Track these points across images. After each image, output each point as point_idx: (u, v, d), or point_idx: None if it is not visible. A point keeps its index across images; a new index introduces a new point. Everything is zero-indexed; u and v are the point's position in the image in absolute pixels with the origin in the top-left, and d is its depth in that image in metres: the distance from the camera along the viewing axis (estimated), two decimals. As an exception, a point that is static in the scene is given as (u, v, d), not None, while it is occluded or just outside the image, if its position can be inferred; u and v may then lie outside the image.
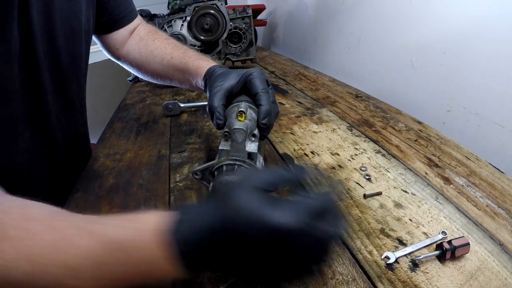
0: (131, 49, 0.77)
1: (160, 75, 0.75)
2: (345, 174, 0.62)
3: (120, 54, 0.79)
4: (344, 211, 0.53)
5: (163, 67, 0.73)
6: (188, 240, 0.30)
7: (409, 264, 0.43)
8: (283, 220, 0.28)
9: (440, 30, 0.89)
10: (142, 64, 0.77)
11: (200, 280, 0.42)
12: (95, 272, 0.30)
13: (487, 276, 0.41)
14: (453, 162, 0.66)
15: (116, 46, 0.78)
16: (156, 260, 0.30)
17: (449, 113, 0.89)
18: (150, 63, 0.75)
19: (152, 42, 0.76)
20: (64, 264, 0.30)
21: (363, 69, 1.24)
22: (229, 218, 0.29)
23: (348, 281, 0.41)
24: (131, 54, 0.77)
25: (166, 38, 0.77)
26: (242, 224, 0.29)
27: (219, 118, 0.52)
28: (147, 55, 0.75)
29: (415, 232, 0.48)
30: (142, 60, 0.76)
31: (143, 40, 0.77)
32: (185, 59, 0.69)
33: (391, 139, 0.75)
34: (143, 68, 0.77)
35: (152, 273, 0.31)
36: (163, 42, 0.76)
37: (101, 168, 0.69)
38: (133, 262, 0.31)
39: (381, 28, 1.12)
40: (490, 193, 0.57)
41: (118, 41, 0.77)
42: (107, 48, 0.79)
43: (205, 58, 0.68)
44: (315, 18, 1.53)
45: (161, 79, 0.77)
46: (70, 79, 0.62)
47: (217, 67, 0.62)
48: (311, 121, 0.85)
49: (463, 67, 0.84)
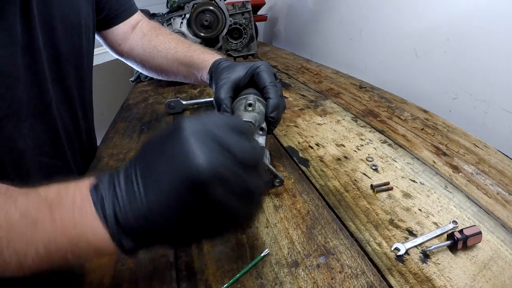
0: (135, 44, 0.77)
1: (164, 70, 0.75)
2: (351, 165, 0.61)
3: (123, 50, 0.79)
4: (351, 203, 0.52)
5: (168, 62, 0.72)
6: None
7: (420, 255, 0.42)
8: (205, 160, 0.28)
9: (443, 16, 0.88)
10: (146, 60, 0.76)
11: (205, 277, 0.41)
12: (25, 230, 0.29)
13: (500, 266, 0.40)
14: (461, 150, 0.65)
15: (118, 42, 0.78)
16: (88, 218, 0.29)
17: (455, 101, 0.88)
18: (154, 58, 0.75)
19: (155, 37, 0.76)
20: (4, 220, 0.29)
21: (366, 60, 1.22)
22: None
23: (357, 275, 0.40)
24: (134, 50, 0.77)
25: (169, 33, 0.77)
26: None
27: (226, 110, 0.51)
28: (151, 50, 0.75)
29: (425, 222, 0.47)
30: (146, 55, 0.76)
31: (147, 35, 0.77)
32: (189, 53, 0.68)
33: (397, 129, 0.74)
34: (147, 63, 0.77)
35: (85, 235, 0.30)
36: (167, 37, 0.75)
37: (105, 167, 0.69)
38: (56, 217, 0.30)
39: (383, 17, 1.10)
40: (500, 180, 0.56)
41: (120, 36, 0.77)
42: (109, 44, 0.79)
43: (210, 51, 0.67)
44: (316, 10, 1.51)
45: (165, 75, 0.77)
46: (69, 70, 0.62)
47: (223, 60, 0.62)
48: (315, 114, 0.84)
49: (467, 54, 0.83)
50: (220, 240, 0.46)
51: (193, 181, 0.28)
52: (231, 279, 0.40)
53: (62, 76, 0.61)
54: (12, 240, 0.29)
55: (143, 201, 0.29)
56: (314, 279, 0.40)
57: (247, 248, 0.45)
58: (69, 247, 0.30)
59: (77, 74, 0.66)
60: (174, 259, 0.45)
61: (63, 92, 0.63)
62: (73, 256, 0.30)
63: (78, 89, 0.68)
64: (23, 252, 0.29)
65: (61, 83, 0.61)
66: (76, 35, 0.62)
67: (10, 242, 0.29)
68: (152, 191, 0.29)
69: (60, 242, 0.30)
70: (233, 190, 0.29)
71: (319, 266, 0.41)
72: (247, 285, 0.40)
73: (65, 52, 0.60)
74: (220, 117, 0.33)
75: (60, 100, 0.62)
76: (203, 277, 0.41)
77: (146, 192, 0.29)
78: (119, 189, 0.30)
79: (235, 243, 0.46)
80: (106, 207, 0.29)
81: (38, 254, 0.30)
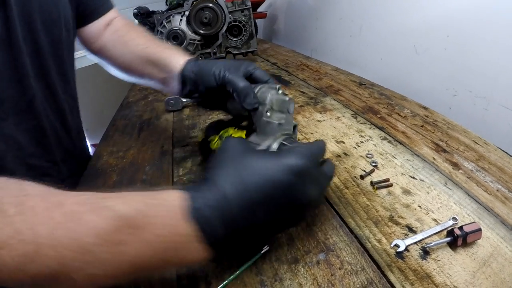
0: (106, 41, 0.73)
1: (131, 68, 0.70)
2: (351, 162, 0.61)
3: (96, 48, 0.75)
4: (351, 199, 0.52)
5: (135, 59, 0.67)
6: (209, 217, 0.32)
7: (419, 252, 0.42)
8: (296, 161, 0.35)
9: (443, 13, 0.87)
10: (116, 56, 0.72)
11: (205, 274, 0.41)
12: (106, 253, 0.28)
13: (500, 263, 0.40)
14: (461, 147, 0.65)
15: (92, 40, 0.74)
16: (183, 237, 0.30)
17: (455, 98, 0.88)
18: (123, 54, 0.70)
19: (127, 33, 0.72)
20: (74, 243, 0.27)
21: (366, 57, 1.22)
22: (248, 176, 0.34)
23: (357, 271, 0.40)
24: (106, 46, 0.73)
25: (142, 31, 0.74)
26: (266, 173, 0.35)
27: (255, 98, 0.49)
28: (121, 46, 0.71)
29: (424, 219, 0.47)
30: (116, 51, 0.72)
31: (118, 31, 0.74)
32: (159, 49, 0.65)
33: (397, 125, 0.73)
34: (116, 60, 0.72)
35: (176, 251, 0.31)
36: (138, 34, 0.72)
37: (105, 165, 0.68)
38: (156, 241, 0.30)
39: (383, 14, 1.10)
40: (500, 177, 0.56)
41: (94, 33, 0.74)
42: (84, 42, 0.75)
43: (182, 52, 0.63)
44: (315, 7, 1.50)
45: (132, 74, 0.71)
46: (50, 65, 0.60)
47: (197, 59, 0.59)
48: (314, 110, 0.84)
49: (467, 50, 0.82)
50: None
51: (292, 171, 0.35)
52: (231, 276, 0.40)
53: (44, 71, 0.59)
54: (84, 263, 0.28)
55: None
56: (314, 276, 0.40)
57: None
58: (162, 264, 0.32)
59: (60, 69, 0.64)
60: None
61: (47, 88, 0.60)
62: (166, 269, 0.34)
63: (62, 84, 0.65)
64: (98, 275, 0.29)
65: (44, 79, 0.59)
66: (56, 28, 0.60)
67: (82, 265, 0.28)
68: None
69: (152, 261, 0.30)
70: (312, 182, 0.37)
71: (319, 262, 0.41)
72: (247, 281, 0.40)
73: (46, 45, 0.58)
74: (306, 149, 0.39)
75: (44, 96, 0.60)
76: (203, 274, 0.41)
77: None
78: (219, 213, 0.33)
79: (235, 240, 0.46)
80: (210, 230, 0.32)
81: (122, 274, 0.30)
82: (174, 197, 0.32)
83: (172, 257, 0.31)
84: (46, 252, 0.27)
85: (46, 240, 0.27)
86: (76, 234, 0.28)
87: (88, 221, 0.28)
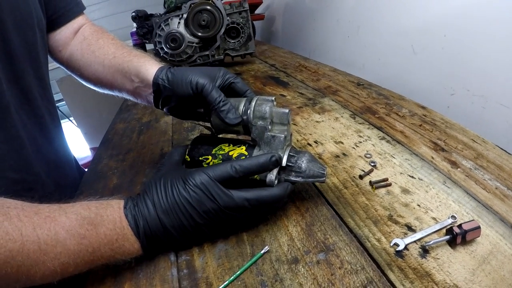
0: (74, 49, 0.68)
1: (100, 79, 0.65)
2: (350, 162, 0.61)
3: (63, 57, 0.69)
4: (350, 199, 0.52)
5: (104, 69, 0.63)
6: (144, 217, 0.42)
7: (419, 251, 0.42)
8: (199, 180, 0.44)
9: (439, 12, 0.88)
10: (84, 67, 0.66)
11: (206, 275, 0.41)
12: (74, 244, 0.37)
13: (499, 260, 0.40)
14: (460, 145, 0.65)
15: (59, 48, 0.69)
16: (124, 229, 0.41)
17: (453, 97, 0.88)
18: (91, 64, 0.65)
19: (95, 41, 0.67)
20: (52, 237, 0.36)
21: (364, 57, 1.23)
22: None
23: (357, 270, 0.40)
24: (73, 56, 0.68)
25: (112, 38, 0.69)
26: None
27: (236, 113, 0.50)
28: (89, 56, 0.65)
29: (424, 217, 0.48)
30: (84, 61, 0.66)
31: (87, 39, 0.68)
32: (129, 58, 0.60)
33: (395, 125, 0.74)
34: (84, 71, 0.67)
35: (119, 242, 0.41)
36: (107, 42, 0.67)
37: (105, 168, 0.69)
38: (100, 233, 0.39)
39: (380, 14, 1.10)
40: (499, 175, 0.56)
41: (61, 41, 0.69)
42: (50, 51, 0.69)
43: (154, 59, 0.59)
44: (313, 8, 1.51)
45: (101, 85, 0.66)
46: (25, 69, 0.56)
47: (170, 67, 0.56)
48: (313, 111, 0.84)
49: (464, 49, 0.83)
50: (221, 238, 0.47)
51: None
52: (231, 276, 0.40)
53: (18, 75, 0.54)
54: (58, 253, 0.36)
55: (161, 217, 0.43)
56: (314, 275, 0.40)
57: (247, 246, 0.45)
58: (111, 255, 0.40)
59: (36, 73, 0.59)
60: (175, 258, 0.45)
61: (22, 94, 0.55)
62: (110, 261, 0.41)
63: (40, 90, 0.61)
64: (68, 263, 0.37)
65: (19, 84, 0.54)
66: (28, 29, 0.56)
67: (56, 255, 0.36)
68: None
69: (104, 252, 0.40)
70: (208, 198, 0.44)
71: (319, 262, 0.42)
72: (248, 282, 0.40)
73: (18, 47, 0.53)
74: None
75: (20, 103, 0.55)
76: (203, 275, 0.42)
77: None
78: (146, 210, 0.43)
79: (235, 240, 0.46)
80: (140, 224, 0.42)
81: (83, 262, 0.39)
82: (117, 202, 0.44)
83: (118, 247, 0.41)
84: (29, 246, 0.34)
85: (30, 238, 0.34)
86: (53, 231, 0.36)
87: (60, 221, 0.37)
